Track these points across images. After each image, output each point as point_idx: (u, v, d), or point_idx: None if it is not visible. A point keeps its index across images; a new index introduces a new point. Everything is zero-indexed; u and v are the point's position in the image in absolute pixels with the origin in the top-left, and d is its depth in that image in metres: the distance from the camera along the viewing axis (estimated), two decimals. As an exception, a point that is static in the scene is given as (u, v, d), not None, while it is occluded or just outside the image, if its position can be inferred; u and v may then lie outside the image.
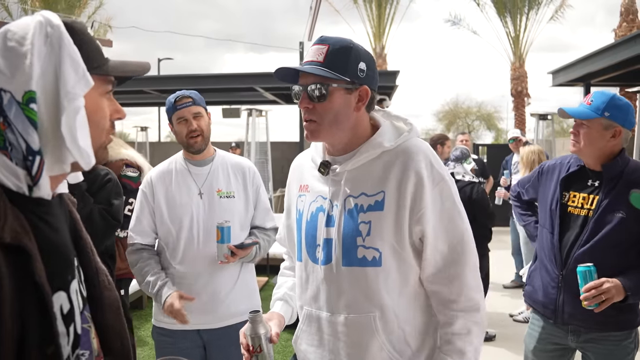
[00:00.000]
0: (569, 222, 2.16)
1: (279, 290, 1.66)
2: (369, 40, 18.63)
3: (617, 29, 14.62)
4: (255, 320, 1.32)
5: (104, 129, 0.93)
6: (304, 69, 1.35)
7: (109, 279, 1.02)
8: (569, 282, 2.11)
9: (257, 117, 9.15)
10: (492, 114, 41.36)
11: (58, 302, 0.84)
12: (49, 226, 0.86)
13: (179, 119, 2.24)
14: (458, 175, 4.57)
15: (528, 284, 2.37)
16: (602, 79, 10.96)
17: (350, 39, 1.41)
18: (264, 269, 6.74)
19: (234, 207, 2.29)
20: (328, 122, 1.37)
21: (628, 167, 2.09)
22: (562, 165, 2.26)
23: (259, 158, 9.20)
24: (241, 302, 2.29)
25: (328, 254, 1.42)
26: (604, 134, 2.08)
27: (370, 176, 1.40)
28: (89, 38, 0.91)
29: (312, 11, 9.23)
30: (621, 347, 2.11)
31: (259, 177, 2.43)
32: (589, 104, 2.10)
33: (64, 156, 0.84)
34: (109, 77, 0.94)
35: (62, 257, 0.88)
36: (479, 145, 13.08)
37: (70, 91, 0.83)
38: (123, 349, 1.00)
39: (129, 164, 3.25)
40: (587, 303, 1.97)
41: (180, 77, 11.13)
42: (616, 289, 1.95)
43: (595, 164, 2.14)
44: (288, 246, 1.69)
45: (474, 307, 1.39)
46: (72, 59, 0.84)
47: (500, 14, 17.77)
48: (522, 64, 17.87)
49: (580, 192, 2.16)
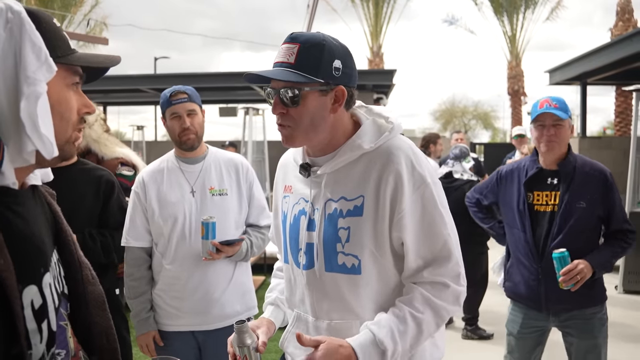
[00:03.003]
0: (538, 218, 2.40)
1: (270, 294, 1.63)
2: (366, 39, 18.63)
3: (614, 28, 14.65)
4: (242, 330, 1.31)
5: (69, 121, 0.89)
6: (274, 75, 1.26)
7: (92, 273, 0.98)
8: (547, 272, 2.32)
9: (254, 115, 9.13)
10: (488, 113, 41.49)
11: (28, 296, 0.80)
12: (17, 216, 0.82)
13: (173, 114, 2.20)
14: (456, 174, 4.57)
15: (508, 280, 2.55)
16: (599, 78, 10.99)
17: (323, 35, 1.31)
18: (261, 268, 6.72)
19: (227, 205, 2.25)
20: (304, 127, 1.30)
21: (577, 162, 2.39)
22: (520, 169, 2.49)
23: (256, 157, 9.17)
24: (236, 303, 2.27)
25: (310, 258, 1.38)
26: (568, 132, 2.38)
27: (350, 179, 1.34)
28: (54, 27, 0.88)
29: (310, 10, 9.20)
30: (596, 319, 2.39)
31: (252, 173, 2.37)
32: (556, 106, 2.33)
33: (24, 144, 0.80)
34: (75, 67, 0.90)
35: (33, 247, 0.84)
36: (476, 144, 13.10)
37: (30, 76, 0.79)
38: (109, 345, 0.97)
39: (125, 163, 3.24)
40: (565, 284, 2.24)
41: (177, 76, 11.11)
42: (587, 268, 2.24)
43: (553, 163, 2.40)
44: (277, 246, 1.65)
45: (451, 294, 1.33)
46: (34, 44, 0.81)
47: (497, 13, 17.81)
48: (518, 63, 17.91)
49: (543, 191, 2.41)
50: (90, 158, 3.05)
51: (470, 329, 4.59)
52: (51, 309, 0.85)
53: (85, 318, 0.94)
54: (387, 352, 1.25)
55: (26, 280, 0.80)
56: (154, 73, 19.01)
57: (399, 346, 1.26)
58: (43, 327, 0.82)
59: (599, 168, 2.38)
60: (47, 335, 0.82)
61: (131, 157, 3.28)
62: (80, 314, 0.94)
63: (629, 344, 4.41)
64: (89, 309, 0.95)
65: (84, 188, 2.37)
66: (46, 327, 0.83)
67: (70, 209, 2.27)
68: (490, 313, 4.91)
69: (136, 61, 78.88)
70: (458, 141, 6.39)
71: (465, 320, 4.63)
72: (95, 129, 3.20)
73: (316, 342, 1.22)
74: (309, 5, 9.09)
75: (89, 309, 0.95)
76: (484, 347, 4.43)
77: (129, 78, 12.13)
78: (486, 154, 11.69)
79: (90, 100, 0.95)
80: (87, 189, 2.39)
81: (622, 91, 13.62)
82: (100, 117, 3.32)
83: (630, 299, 5.82)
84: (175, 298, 2.21)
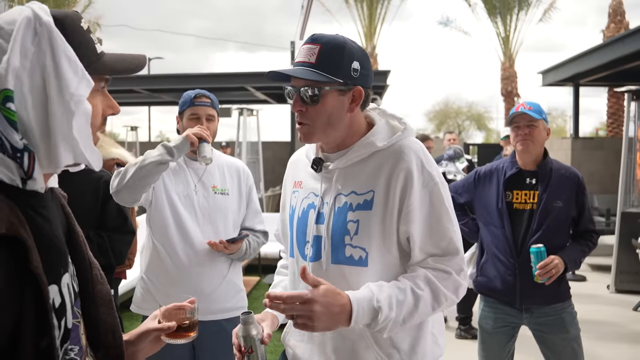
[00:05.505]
0: (517, 216, 2.52)
1: (274, 290, 1.65)
2: (360, 40, 18.64)
3: (606, 29, 14.73)
4: (247, 321, 1.32)
5: (95, 127, 0.91)
6: (296, 73, 1.32)
7: (101, 273, 1.00)
8: (524, 267, 2.45)
9: (248, 116, 9.13)
10: (482, 114, 41.67)
11: (51, 295, 0.83)
12: (43, 219, 0.85)
13: (193, 115, 2.25)
14: (450, 175, 4.61)
15: (481, 276, 2.64)
16: (591, 79, 11.06)
17: (343, 37, 1.37)
18: (255, 268, 6.73)
19: (228, 204, 2.32)
20: (321, 124, 1.36)
21: (553, 164, 2.55)
22: (498, 170, 2.61)
23: (250, 158, 9.17)
24: (227, 300, 2.30)
25: (317, 250, 1.41)
26: (544, 134, 2.51)
27: (362, 175, 1.39)
28: (80, 33, 0.87)
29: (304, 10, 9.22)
30: (567, 313, 2.51)
31: (252, 179, 2.46)
32: (530, 108, 2.48)
33: (58, 158, 0.83)
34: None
35: (56, 249, 0.87)
36: (469, 144, 13.15)
37: (74, 93, 0.81)
38: (115, 342, 0.99)
39: (120, 164, 3.23)
40: (541, 278, 2.35)
41: (171, 77, 11.07)
42: (561, 264, 2.37)
43: (532, 164, 2.53)
44: (283, 241, 1.68)
45: (454, 282, 1.36)
46: (69, 60, 0.82)
47: (490, 15, 17.86)
48: (512, 64, 17.98)
49: (522, 190, 2.53)
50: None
51: (464, 328, 4.62)
52: (68, 306, 0.87)
53: (93, 316, 0.96)
54: (380, 314, 1.26)
55: (50, 280, 0.82)
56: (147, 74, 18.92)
57: (393, 313, 1.27)
58: (61, 324, 0.85)
59: (573, 171, 2.56)
60: (63, 332, 0.85)
61: (127, 157, 3.28)
62: (90, 312, 0.96)
63: (620, 344, 4.45)
64: (97, 307, 0.97)
65: (82, 189, 2.37)
66: (63, 324, 0.86)
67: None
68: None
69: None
70: (451, 142, 6.43)
71: (459, 319, 4.66)
72: (91, 129, 3.20)
73: (317, 281, 1.24)
74: (303, 6, 9.11)
75: (97, 307, 0.97)
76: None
77: (122, 79, 12.08)
78: (480, 154, 11.72)
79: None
80: (85, 189, 2.39)
81: (614, 92, 13.71)
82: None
83: (622, 298, 5.87)
84: (167, 285, 2.24)
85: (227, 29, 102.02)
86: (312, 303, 1.20)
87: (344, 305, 1.24)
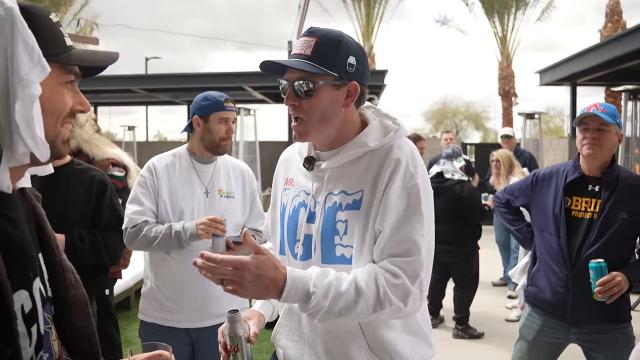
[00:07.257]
0: (574, 225, 2.31)
1: None
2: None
3: (603, 29, 14.77)
4: (234, 319, 1.31)
5: (59, 119, 0.88)
6: (290, 64, 1.31)
7: (75, 277, 0.98)
8: (578, 281, 2.25)
9: (245, 116, 9.13)
10: (480, 113, 41.70)
11: (19, 301, 0.80)
12: (9, 221, 0.82)
13: (222, 118, 2.30)
14: (447, 174, 4.59)
15: (532, 285, 2.46)
16: (588, 79, 11.09)
17: (340, 31, 1.36)
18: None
19: (233, 207, 2.35)
20: (316, 119, 1.35)
21: (621, 172, 2.32)
22: (559, 173, 2.42)
23: (248, 157, 9.17)
24: (234, 301, 2.29)
25: (307, 250, 1.41)
26: (615, 140, 2.29)
27: (352, 175, 1.38)
28: (48, 24, 0.86)
29: (301, 10, 9.21)
30: (622, 335, 2.29)
31: (255, 182, 2.51)
32: (604, 111, 2.26)
33: (16, 146, 0.79)
34: (70, 66, 0.88)
35: (23, 253, 0.84)
36: (467, 144, 13.15)
37: (23, 77, 0.78)
38: (91, 348, 0.97)
39: (116, 164, 3.22)
40: (601, 296, 2.13)
41: (168, 76, 11.08)
42: (624, 281, 2.14)
43: (597, 170, 2.31)
44: (272, 239, 1.66)
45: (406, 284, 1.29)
46: (26, 44, 0.79)
47: (488, 14, 17.86)
48: (509, 64, 17.99)
49: (583, 197, 2.32)
50: (81, 158, 3.02)
51: (461, 328, 4.62)
52: (40, 312, 0.85)
53: (68, 321, 0.94)
54: (311, 299, 1.23)
55: (17, 285, 0.80)
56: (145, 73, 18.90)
57: (326, 302, 1.24)
58: (32, 331, 0.82)
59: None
60: (37, 338, 0.83)
61: (122, 157, 3.27)
62: (64, 317, 0.93)
63: None
64: (71, 312, 0.94)
65: (76, 188, 2.35)
66: (35, 331, 0.83)
67: (62, 208, 2.28)
68: (480, 313, 4.95)
69: (127, 61, 78.53)
70: (448, 141, 6.45)
71: (456, 319, 4.65)
72: (86, 129, 3.18)
73: (259, 249, 1.23)
74: (300, 6, 9.10)
75: (71, 312, 0.94)
76: (475, 347, 4.46)
77: (119, 78, 12.06)
78: (477, 154, 11.73)
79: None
80: (79, 189, 2.37)
81: (611, 92, 13.73)
82: (91, 117, 3.30)
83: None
84: (176, 293, 2.24)
85: (224, 29, 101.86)
86: (243, 269, 1.19)
87: (275, 279, 1.22)
